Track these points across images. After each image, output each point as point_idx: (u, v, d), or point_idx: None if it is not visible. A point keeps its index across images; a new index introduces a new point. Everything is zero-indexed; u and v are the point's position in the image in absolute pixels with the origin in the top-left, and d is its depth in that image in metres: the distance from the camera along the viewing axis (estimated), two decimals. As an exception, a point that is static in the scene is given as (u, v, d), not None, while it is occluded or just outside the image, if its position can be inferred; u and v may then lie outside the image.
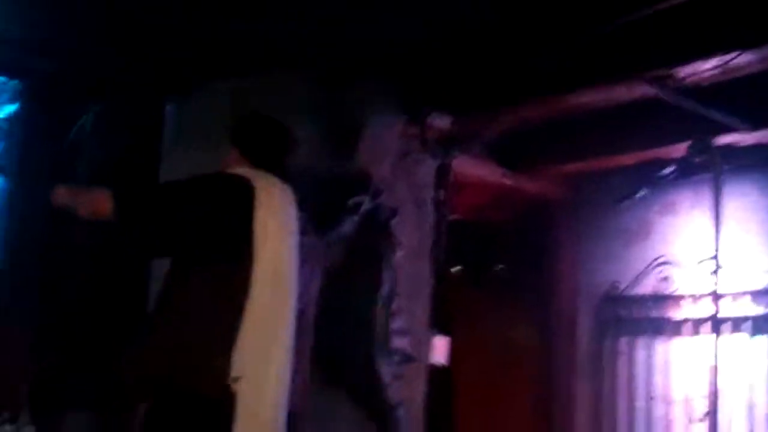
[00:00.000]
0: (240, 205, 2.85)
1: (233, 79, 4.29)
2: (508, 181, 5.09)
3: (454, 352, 4.80)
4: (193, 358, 2.76)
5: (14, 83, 5.25)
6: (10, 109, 5.32)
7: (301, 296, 3.10)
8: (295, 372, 3.05)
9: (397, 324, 4.42)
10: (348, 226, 4.24)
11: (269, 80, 4.23)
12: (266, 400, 2.86)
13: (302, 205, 3.16)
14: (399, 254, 4.42)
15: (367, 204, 4.27)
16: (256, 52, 4.04)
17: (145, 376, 2.85)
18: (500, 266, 5.95)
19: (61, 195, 2.96)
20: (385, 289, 4.33)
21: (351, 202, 4.22)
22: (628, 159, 4.84)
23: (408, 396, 4.44)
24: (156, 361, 2.81)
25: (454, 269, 5.24)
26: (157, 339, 2.84)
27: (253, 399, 2.79)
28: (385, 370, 4.30)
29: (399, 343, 4.45)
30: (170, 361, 2.78)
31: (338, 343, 4.25)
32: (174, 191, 2.97)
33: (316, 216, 4.13)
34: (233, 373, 2.75)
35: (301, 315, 3.10)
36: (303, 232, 3.17)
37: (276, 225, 2.91)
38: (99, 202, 2.82)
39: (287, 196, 3.04)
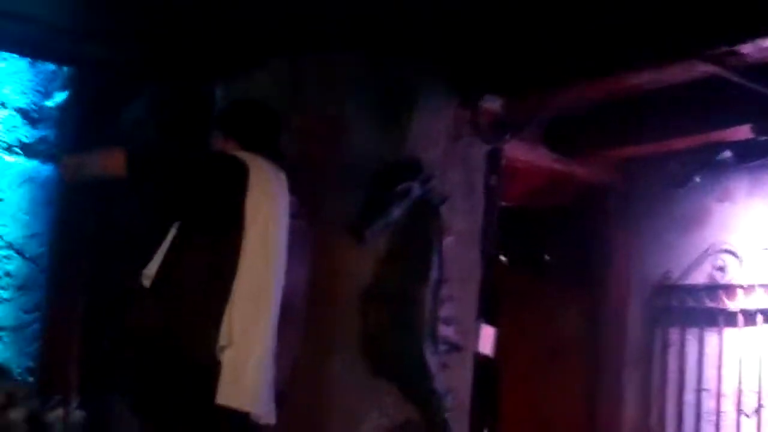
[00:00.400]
0: (233, 182, 3.00)
1: (284, 59, 4.27)
2: (560, 167, 5.02)
3: (501, 341, 4.76)
4: (183, 324, 2.96)
5: (65, 71, 5.30)
6: (61, 97, 5.37)
7: (289, 283, 3.17)
8: (279, 356, 3.12)
9: (445, 312, 4.37)
10: (397, 211, 4.20)
11: (319, 61, 4.21)
12: (248, 368, 2.96)
13: (293, 188, 3.27)
14: (448, 240, 4.37)
15: (417, 189, 4.23)
16: (307, 31, 4.00)
17: (138, 338, 3.05)
18: (550, 254, 5.88)
19: (70, 160, 3.23)
20: (433, 276, 4.28)
21: (401, 187, 4.18)
22: (684, 143, 4.74)
23: (454, 385, 4.39)
24: (149, 325, 3.02)
25: (502, 256, 5.17)
26: (153, 303, 3.03)
27: (237, 366, 2.93)
28: (432, 359, 4.25)
29: (446, 331, 4.40)
30: (162, 325, 2.98)
31: (385, 330, 4.21)
32: (179, 162, 3.13)
33: (368, 201, 4.13)
34: (220, 341, 2.92)
35: (288, 302, 3.16)
36: (294, 215, 3.25)
37: (267, 204, 3.05)
38: (112, 158, 3.02)
39: (279, 179, 3.17)
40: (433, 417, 4.26)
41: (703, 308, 5.20)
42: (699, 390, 5.20)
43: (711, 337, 5.18)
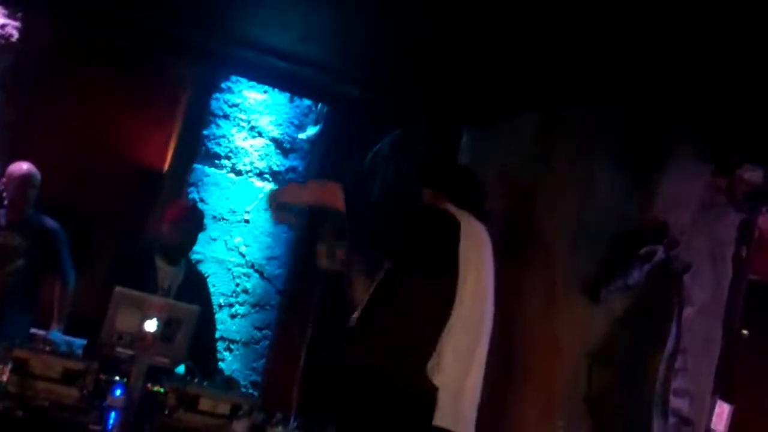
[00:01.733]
0: (448, 234, 3.26)
1: (535, 112, 4.25)
2: (818, 244, 4.67)
3: (737, 419, 4.47)
4: (402, 354, 3.19)
5: (319, 107, 5.57)
6: (313, 130, 5.64)
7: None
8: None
9: (678, 383, 4.16)
10: (638, 274, 4.07)
11: (571, 117, 4.16)
12: (466, 392, 3.26)
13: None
14: (689, 310, 4.17)
15: (660, 254, 4.08)
16: (563, 85, 3.96)
17: (354, 367, 3.25)
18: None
19: (285, 190, 3.65)
20: (670, 345, 4.10)
21: (644, 250, 4.05)
22: None
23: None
24: (367, 354, 3.22)
25: (744, 332, 4.86)
26: (370, 335, 3.25)
27: (456, 390, 3.21)
28: (659, 430, 4.06)
29: (678, 403, 4.19)
30: (380, 354, 3.18)
31: (611, 394, 4.08)
32: (398, 211, 3.45)
33: (608, 261, 4.03)
34: (438, 370, 3.18)
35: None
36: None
37: (477, 254, 3.34)
38: (329, 190, 3.28)
39: (484, 232, 3.44)
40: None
41: None
42: None
43: None
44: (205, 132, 5.53)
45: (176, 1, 4.07)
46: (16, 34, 5.20)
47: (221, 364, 5.29)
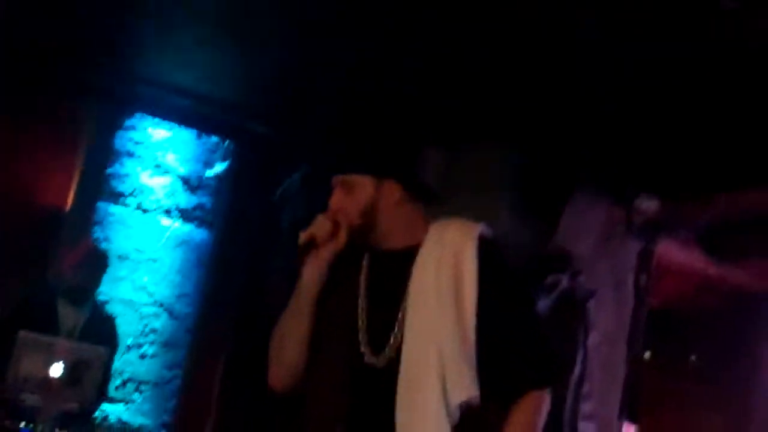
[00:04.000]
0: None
1: (440, 149, 4.33)
2: (713, 270, 4.88)
3: (641, 441, 4.62)
4: None
5: (226, 143, 5.55)
6: (221, 167, 5.61)
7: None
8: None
9: (585, 408, 4.27)
10: (543, 303, 4.15)
11: (475, 150, 4.25)
12: None
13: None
14: (594, 336, 4.29)
15: (564, 283, 4.18)
16: (465, 123, 4.06)
17: None
18: (695, 356, 5.69)
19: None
20: (577, 370, 4.20)
21: (549, 279, 4.15)
22: None
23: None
24: None
25: (646, 355, 5.03)
26: None
27: None
28: (570, 455, 4.15)
29: (585, 428, 4.29)
30: None
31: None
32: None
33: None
34: None
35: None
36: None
37: None
38: None
39: None
40: None
41: None
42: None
43: None
44: (110, 170, 5.45)
45: (77, 41, 4.02)
46: None
47: (131, 407, 5.19)
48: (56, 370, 3.16)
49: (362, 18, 3.29)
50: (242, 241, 5.31)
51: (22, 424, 3.01)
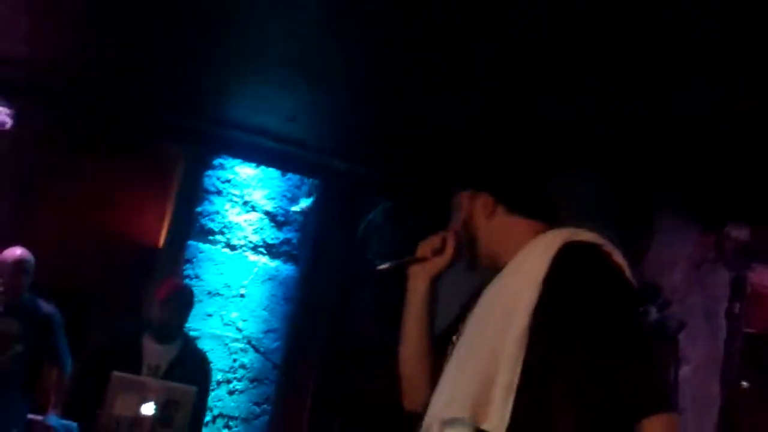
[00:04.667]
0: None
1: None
2: (810, 295, 4.71)
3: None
4: None
5: (311, 180, 5.63)
6: (306, 203, 5.69)
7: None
8: None
9: (680, 443, 4.15)
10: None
11: (562, 179, 4.21)
12: None
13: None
14: (686, 369, 4.18)
15: (654, 315, 4.09)
16: (556, 152, 4.03)
17: None
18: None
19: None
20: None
21: (637, 311, 4.06)
22: None
23: None
24: None
25: (744, 384, 4.86)
26: None
27: None
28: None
29: (681, 462, 4.17)
30: None
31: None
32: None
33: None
34: None
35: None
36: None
37: None
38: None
39: None
40: None
41: None
42: None
43: None
44: (199, 209, 5.57)
45: (165, 88, 4.16)
46: (9, 122, 5.28)
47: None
48: (148, 409, 3.24)
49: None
50: (328, 276, 5.37)
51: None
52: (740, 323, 4.35)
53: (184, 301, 4.47)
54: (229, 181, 5.61)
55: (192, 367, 4.31)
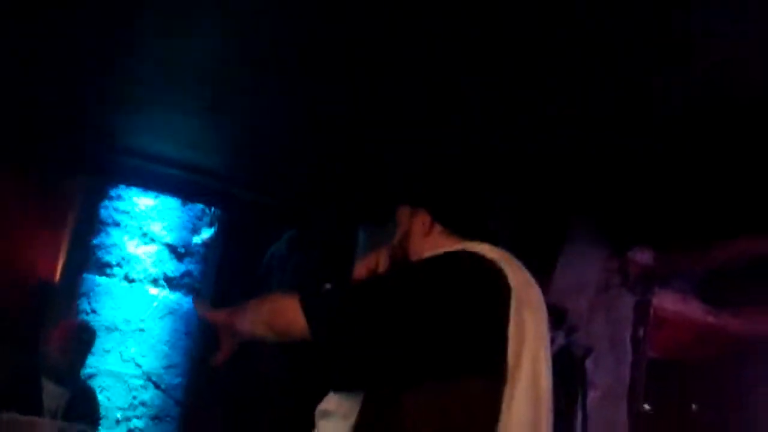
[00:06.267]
0: (493, 299, 1.96)
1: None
2: (711, 319, 4.81)
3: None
4: None
5: (213, 210, 5.49)
6: (208, 233, 5.55)
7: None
8: None
9: (589, 468, 4.16)
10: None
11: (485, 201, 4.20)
12: None
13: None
14: (593, 394, 4.19)
15: (560, 340, 4.10)
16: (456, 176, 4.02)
17: None
18: (696, 405, 5.59)
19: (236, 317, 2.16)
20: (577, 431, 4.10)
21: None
22: None
23: None
24: None
25: (647, 407, 4.94)
26: None
27: None
28: None
29: (590, 487, 4.18)
30: None
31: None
32: (396, 289, 1.98)
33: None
34: None
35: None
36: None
37: (533, 324, 2.01)
38: (285, 316, 2.01)
39: (535, 284, 2.17)
40: None
41: None
42: None
43: None
44: (95, 241, 5.38)
45: (59, 113, 3.99)
46: None
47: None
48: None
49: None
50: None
51: None
52: (645, 348, 4.40)
53: (83, 342, 4.37)
54: (127, 212, 5.43)
55: (84, 406, 4.21)
